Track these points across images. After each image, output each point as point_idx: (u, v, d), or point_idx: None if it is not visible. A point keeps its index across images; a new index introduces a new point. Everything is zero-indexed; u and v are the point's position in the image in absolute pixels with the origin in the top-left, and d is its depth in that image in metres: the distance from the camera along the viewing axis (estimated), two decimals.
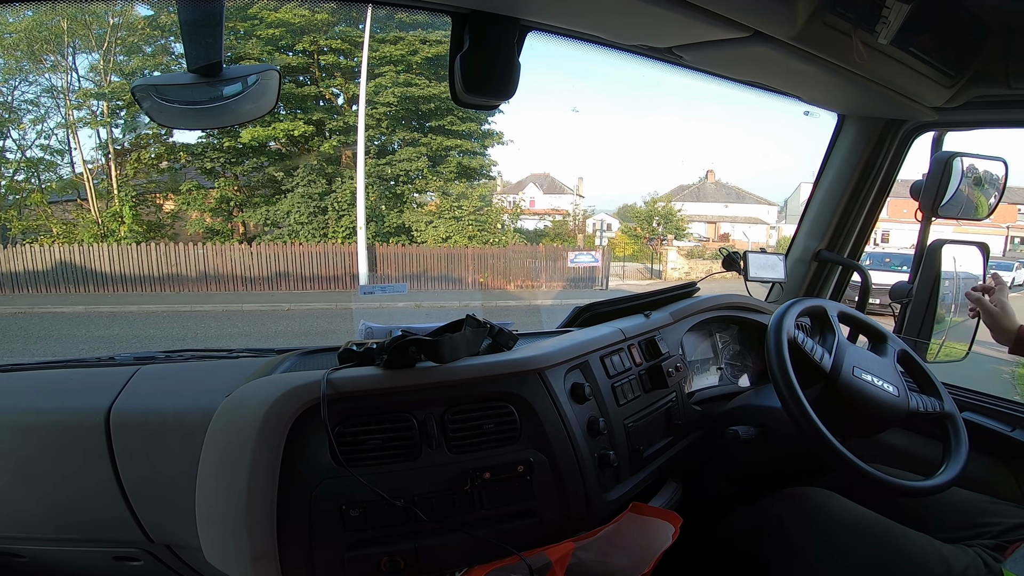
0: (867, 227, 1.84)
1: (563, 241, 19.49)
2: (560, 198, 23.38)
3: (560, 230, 21.19)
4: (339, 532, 0.92)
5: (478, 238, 16.44)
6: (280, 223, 15.85)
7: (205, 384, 1.11)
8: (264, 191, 16.30)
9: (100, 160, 15.62)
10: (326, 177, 15.99)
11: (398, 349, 0.99)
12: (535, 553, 0.96)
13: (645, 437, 1.28)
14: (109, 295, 12.81)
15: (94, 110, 15.26)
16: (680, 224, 21.94)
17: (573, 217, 22.36)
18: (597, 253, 16.43)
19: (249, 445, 0.91)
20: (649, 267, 18.91)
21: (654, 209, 21.89)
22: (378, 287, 13.39)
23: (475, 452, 1.02)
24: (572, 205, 22.86)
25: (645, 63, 1.26)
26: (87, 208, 15.03)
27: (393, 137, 16.68)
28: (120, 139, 15.48)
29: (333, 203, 15.75)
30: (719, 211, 25.48)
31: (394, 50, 15.75)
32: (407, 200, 16.80)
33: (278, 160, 16.18)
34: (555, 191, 23.89)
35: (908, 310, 1.75)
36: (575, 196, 23.35)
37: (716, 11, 0.96)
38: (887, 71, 1.24)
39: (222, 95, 0.92)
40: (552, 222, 21.59)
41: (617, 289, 14.71)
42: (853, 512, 1.19)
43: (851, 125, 1.71)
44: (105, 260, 13.23)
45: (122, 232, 14.62)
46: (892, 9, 1.02)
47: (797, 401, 1.14)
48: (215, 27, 0.84)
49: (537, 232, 20.30)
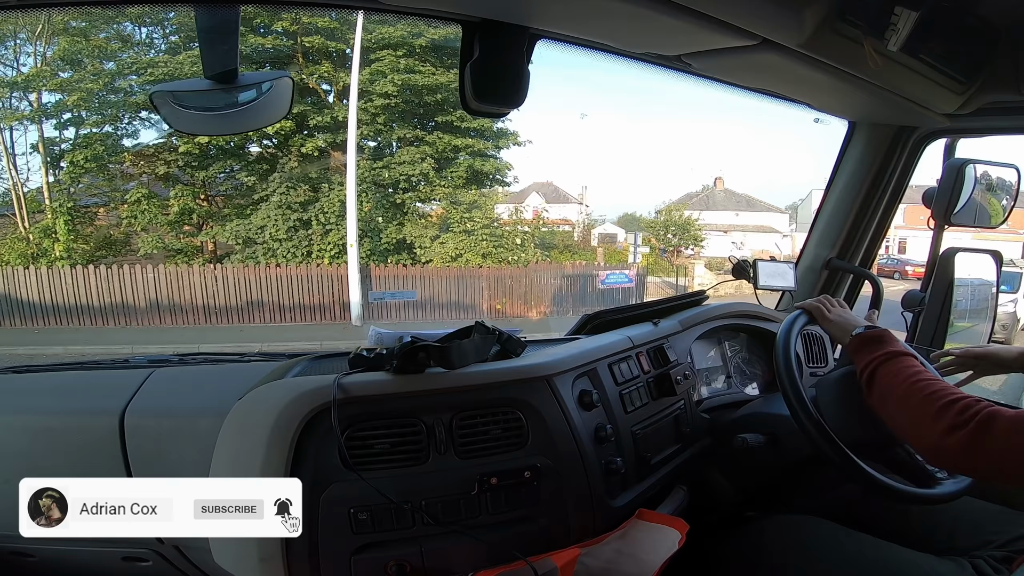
0: (878, 235, 1.83)
1: (574, 255, 17.96)
2: (565, 207, 22.39)
3: (568, 242, 19.71)
4: (347, 535, 0.93)
5: (493, 256, 13.85)
6: (254, 239, 12.64)
7: (217, 387, 1.13)
8: (237, 201, 13.34)
9: (32, 164, 12.34)
10: (310, 183, 13.12)
11: (408, 354, 1.00)
12: (541, 559, 0.96)
13: (652, 444, 1.27)
14: (34, 331, 10.31)
15: (20, 100, 12.08)
16: (697, 234, 20.78)
17: (579, 227, 21.16)
18: (631, 272, 14.30)
19: (260, 448, 0.92)
20: (672, 282, 17.41)
21: (669, 218, 20.77)
22: (387, 293, 11.81)
23: (483, 457, 1.02)
24: (581, 215, 21.74)
25: (653, 71, 1.27)
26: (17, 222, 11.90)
27: (392, 135, 13.82)
28: (57, 137, 12.30)
29: (318, 215, 12.76)
30: (730, 219, 24.95)
31: (394, 31, 12.64)
32: (409, 211, 14.00)
33: (254, 163, 13.26)
34: (559, 200, 22.94)
35: (920, 318, 1.74)
36: (581, 205, 22.50)
37: (724, 19, 0.96)
38: (897, 78, 1.23)
39: (237, 101, 0.94)
40: (559, 232, 20.09)
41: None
42: (842, 539, 1.18)
43: (862, 132, 1.70)
44: (33, 287, 10.56)
45: (56, 252, 11.45)
46: (901, 16, 1.02)
47: (806, 409, 1.13)
48: (231, 34, 0.86)
49: (546, 245, 18.54)
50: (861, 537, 1.17)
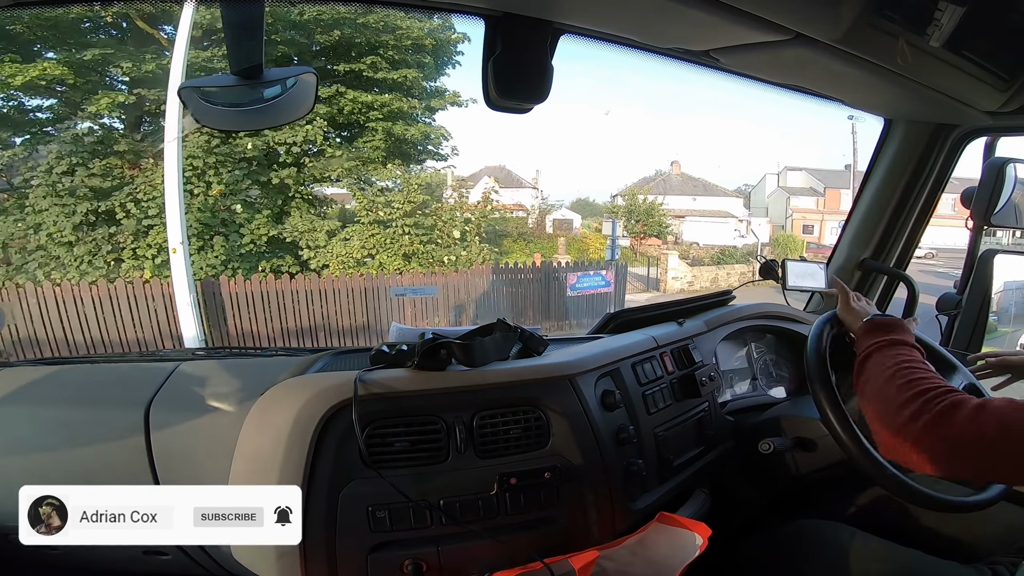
0: (915, 235, 1.77)
1: (528, 244, 15.44)
2: (518, 192, 21.01)
3: (523, 229, 17.48)
4: (364, 533, 0.93)
5: (421, 256, 10.06)
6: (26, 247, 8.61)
7: (241, 381, 1.14)
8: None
9: None
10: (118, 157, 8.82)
11: (429, 351, 1.00)
12: (558, 560, 0.95)
13: (675, 446, 1.25)
14: None
15: None
16: (663, 220, 19.47)
17: (534, 213, 19.48)
18: (608, 273, 10.89)
19: (280, 443, 0.93)
20: (642, 274, 15.65)
21: (632, 203, 19.26)
22: (409, 288, 9.14)
23: (503, 457, 1.02)
24: (535, 199, 20.23)
25: (672, 64, 1.23)
26: None
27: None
28: None
29: (126, 203, 8.66)
30: (687, 204, 23.99)
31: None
32: (295, 196, 10.07)
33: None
34: (513, 184, 21.47)
35: (956, 322, 1.69)
36: (535, 190, 21.32)
37: (756, 13, 0.93)
38: (937, 74, 1.19)
39: (262, 97, 0.95)
40: (512, 219, 17.87)
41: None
42: (866, 545, 1.15)
43: (898, 130, 1.64)
44: None
45: None
46: (945, 12, 0.98)
47: (839, 414, 1.10)
48: (256, 30, 0.87)
49: (497, 234, 15.82)
50: (885, 543, 1.15)
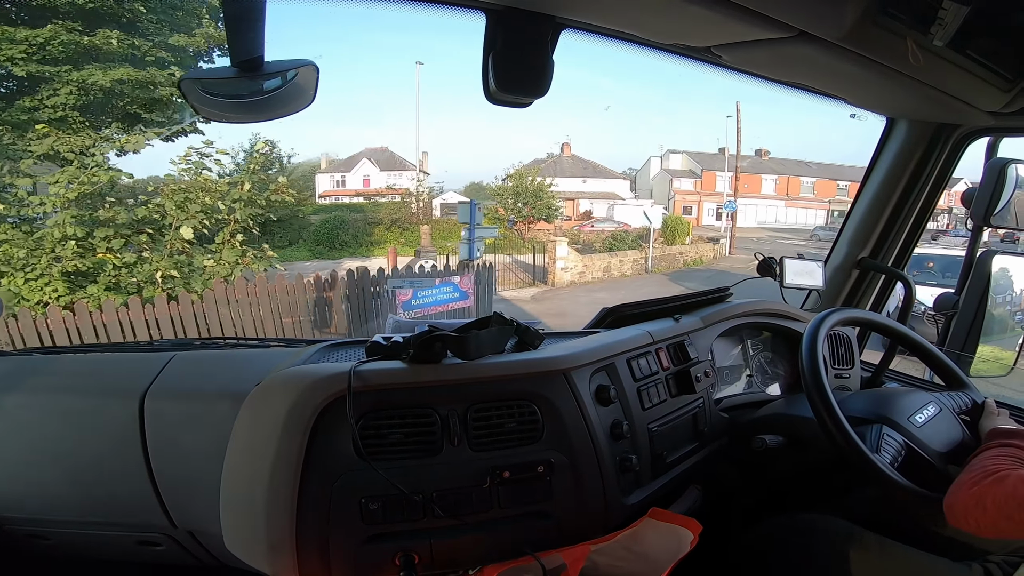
0: (913, 235, 1.77)
1: (405, 232, 14.03)
2: (401, 176, 20.61)
3: (399, 214, 16.64)
4: (357, 525, 0.94)
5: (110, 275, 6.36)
6: None
7: (237, 372, 1.14)
8: None
9: None
10: None
11: (425, 344, 1.00)
12: (550, 554, 0.96)
13: (669, 442, 1.26)
14: None
15: None
16: (551, 202, 18.97)
17: (417, 197, 18.55)
18: (466, 280, 8.30)
19: (275, 435, 0.93)
20: (527, 261, 13.39)
21: (519, 184, 18.59)
22: (407, 280, 7.85)
23: (496, 450, 1.02)
24: (415, 183, 19.18)
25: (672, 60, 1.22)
26: None
27: None
28: None
29: None
30: (577, 186, 24.27)
31: None
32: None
33: None
34: (395, 167, 21.22)
35: (953, 322, 1.69)
36: (419, 172, 20.36)
37: (760, 10, 0.93)
38: (940, 74, 1.18)
39: (263, 89, 0.94)
40: (385, 205, 17.21)
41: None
42: (856, 541, 1.16)
43: (900, 128, 1.64)
44: None
45: None
46: (949, 11, 0.97)
47: (832, 412, 1.11)
48: (257, 22, 0.86)
49: (369, 222, 15.03)
50: (876, 540, 1.15)
